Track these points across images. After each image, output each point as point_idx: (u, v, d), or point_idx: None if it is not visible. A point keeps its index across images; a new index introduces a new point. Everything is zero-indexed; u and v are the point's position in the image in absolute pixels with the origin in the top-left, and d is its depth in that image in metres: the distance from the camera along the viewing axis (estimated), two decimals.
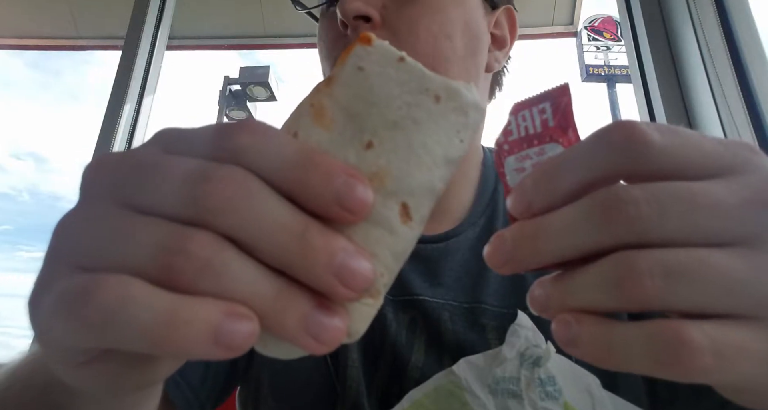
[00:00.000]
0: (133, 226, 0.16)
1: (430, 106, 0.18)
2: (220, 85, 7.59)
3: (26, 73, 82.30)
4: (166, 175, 0.16)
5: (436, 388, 0.37)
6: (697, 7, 1.05)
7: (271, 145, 0.16)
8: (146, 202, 0.16)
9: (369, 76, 0.18)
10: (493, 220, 0.48)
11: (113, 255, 0.16)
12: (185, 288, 0.15)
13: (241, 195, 0.15)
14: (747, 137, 0.92)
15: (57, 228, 0.17)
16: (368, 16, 0.41)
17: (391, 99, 0.18)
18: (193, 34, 2.07)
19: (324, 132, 0.18)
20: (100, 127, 1.26)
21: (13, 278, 51.06)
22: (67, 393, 0.24)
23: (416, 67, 0.19)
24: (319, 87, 0.19)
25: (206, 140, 0.17)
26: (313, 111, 0.18)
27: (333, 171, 0.16)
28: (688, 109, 1.08)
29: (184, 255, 0.15)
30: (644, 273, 0.15)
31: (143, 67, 1.35)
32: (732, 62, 0.97)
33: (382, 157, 0.18)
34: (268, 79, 7.33)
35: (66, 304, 0.15)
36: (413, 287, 0.45)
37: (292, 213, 0.16)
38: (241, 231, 0.15)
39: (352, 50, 0.19)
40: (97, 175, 0.17)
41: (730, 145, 0.18)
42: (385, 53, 0.19)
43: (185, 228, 0.15)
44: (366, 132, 0.18)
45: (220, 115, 7.35)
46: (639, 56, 1.17)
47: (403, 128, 0.18)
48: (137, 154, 0.17)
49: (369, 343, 0.43)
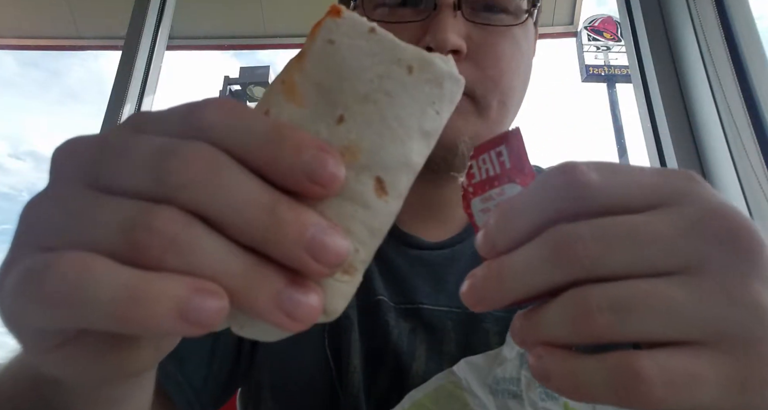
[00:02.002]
0: (98, 205, 0.15)
1: (402, 78, 0.18)
2: (220, 85, 7.60)
3: (24, 73, 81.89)
4: (133, 153, 0.16)
5: (437, 389, 0.37)
6: (697, 7, 1.05)
7: (239, 121, 0.16)
8: (113, 181, 0.16)
9: (339, 48, 0.18)
10: None
11: (77, 234, 0.15)
12: (152, 265, 0.14)
13: (208, 170, 0.15)
14: (747, 137, 0.92)
15: (23, 211, 0.17)
16: (460, 50, 0.40)
17: (363, 71, 0.18)
18: (193, 34, 2.08)
19: (296, 108, 0.17)
20: (101, 127, 1.26)
21: None
22: (53, 386, 0.23)
23: (387, 37, 0.18)
24: (291, 63, 0.18)
25: (175, 119, 0.17)
26: (285, 87, 0.18)
27: (302, 144, 0.16)
28: (688, 109, 1.08)
29: (149, 232, 0.14)
30: (593, 309, 0.16)
31: (143, 67, 1.35)
32: (732, 62, 0.97)
33: (353, 131, 0.17)
34: (268, 79, 7.34)
35: (26, 283, 0.15)
36: (416, 295, 0.45)
37: (261, 188, 0.15)
38: (208, 208, 0.15)
39: (323, 23, 0.18)
40: (65, 157, 0.17)
41: (669, 176, 0.19)
42: (355, 25, 0.18)
43: (151, 205, 0.15)
44: (338, 106, 0.17)
45: None
46: (639, 56, 1.17)
47: (375, 101, 0.17)
48: (107, 135, 0.17)
49: (370, 349, 0.43)
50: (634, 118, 1.25)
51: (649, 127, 1.13)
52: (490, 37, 0.42)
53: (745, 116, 0.93)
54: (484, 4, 0.42)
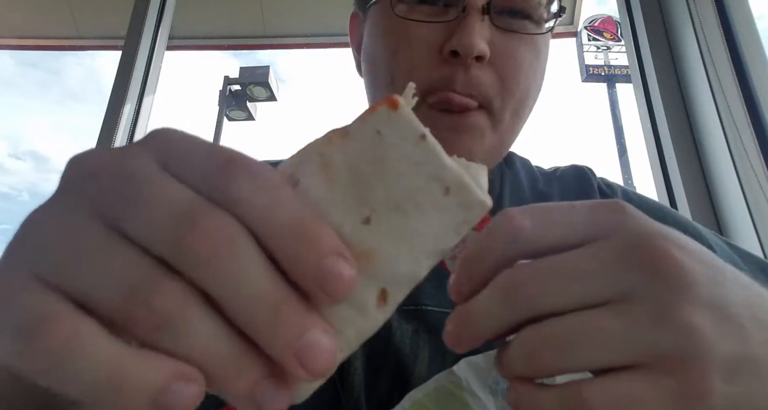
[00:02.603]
0: (106, 253, 0.15)
1: (437, 197, 0.18)
2: (220, 85, 7.59)
3: (24, 73, 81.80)
4: (155, 202, 0.15)
5: (437, 388, 0.37)
6: (697, 7, 1.05)
7: (268, 200, 0.16)
8: (128, 225, 0.15)
9: (386, 145, 0.18)
10: None
11: (77, 280, 0.15)
12: (140, 338, 0.15)
13: (224, 252, 0.15)
14: (747, 137, 0.92)
15: (26, 224, 0.16)
16: (484, 56, 0.39)
17: (401, 177, 0.18)
18: (193, 34, 2.08)
19: (326, 188, 0.17)
20: (100, 127, 1.26)
21: None
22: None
23: (435, 149, 0.18)
24: (333, 137, 0.18)
25: (204, 169, 0.16)
26: (321, 161, 0.18)
27: (324, 251, 0.16)
28: (688, 109, 1.08)
29: (146, 309, 0.14)
30: (539, 347, 0.18)
31: (143, 67, 1.35)
32: (732, 62, 0.97)
33: (375, 237, 0.17)
34: (268, 79, 7.34)
35: (13, 338, 0.14)
36: (419, 296, 0.45)
37: (270, 283, 0.15)
38: (215, 290, 0.15)
39: (377, 110, 0.18)
40: (83, 176, 0.16)
41: (598, 210, 0.20)
42: (408, 125, 0.18)
43: (157, 272, 0.15)
44: (367, 205, 0.17)
45: (221, 115, 7.35)
46: (639, 56, 1.17)
47: (405, 211, 0.17)
48: (128, 163, 0.16)
49: (373, 351, 0.43)
50: (634, 118, 1.25)
51: (649, 127, 1.13)
52: (513, 43, 0.41)
53: (745, 116, 0.93)
54: (510, 9, 0.41)
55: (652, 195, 1.10)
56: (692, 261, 0.19)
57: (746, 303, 0.19)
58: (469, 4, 0.39)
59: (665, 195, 1.07)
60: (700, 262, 0.19)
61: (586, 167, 0.53)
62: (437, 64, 0.40)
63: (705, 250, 0.20)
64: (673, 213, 0.50)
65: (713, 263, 0.20)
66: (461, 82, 0.40)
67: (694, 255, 0.19)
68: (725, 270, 0.20)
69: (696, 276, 0.18)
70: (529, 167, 0.54)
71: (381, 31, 0.44)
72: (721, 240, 0.47)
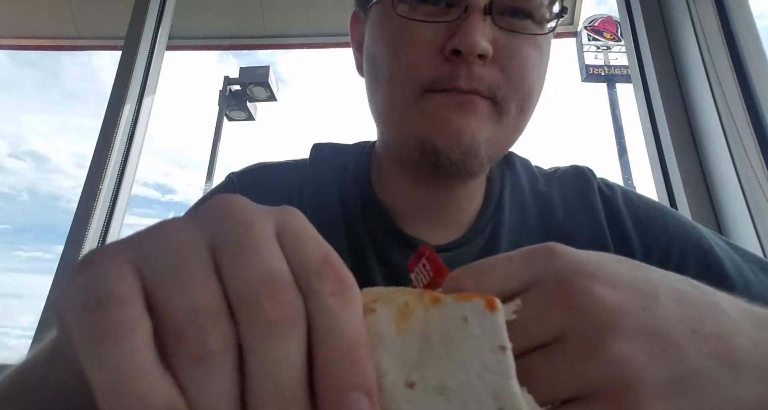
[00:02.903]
0: (199, 275, 0.16)
1: (487, 407, 0.17)
2: (220, 85, 7.60)
3: (24, 73, 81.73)
4: (256, 258, 0.16)
5: None
6: (697, 7, 1.05)
7: (340, 309, 0.17)
8: (225, 262, 0.17)
9: (467, 333, 0.18)
10: (498, 227, 0.48)
11: (165, 283, 0.16)
12: (173, 363, 0.15)
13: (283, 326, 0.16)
14: (747, 137, 0.92)
15: (159, 224, 0.18)
16: (487, 55, 0.40)
17: (465, 372, 0.17)
18: (193, 34, 2.08)
19: (393, 331, 0.18)
20: (100, 127, 1.26)
21: (11, 278, 51.12)
22: None
23: (509, 365, 0.17)
24: (425, 295, 0.18)
25: (305, 255, 0.17)
26: (403, 309, 0.18)
27: (360, 381, 0.16)
28: (688, 109, 1.08)
29: (200, 334, 0.15)
30: None
31: (143, 67, 1.35)
32: (732, 62, 0.97)
33: (408, 404, 0.17)
34: (268, 80, 7.34)
35: (82, 303, 0.15)
36: None
37: (296, 375, 0.16)
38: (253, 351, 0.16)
39: (474, 301, 0.18)
40: (218, 210, 0.18)
41: (530, 257, 0.21)
42: (495, 329, 0.18)
43: (224, 313, 0.16)
44: (419, 370, 0.17)
45: (221, 115, 7.35)
46: (639, 56, 1.17)
47: (449, 401, 0.17)
48: (255, 218, 0.18)
49: None
50: (634, 118, 1.25)
51: (649, 127, 1.13)
52: (516, 42, 0.41)
53: (745, 116, 0.93)
54: (512, 9, 0.41)
55: (652, 195, 1.10)
56: (615, 293, 0.20)
57: (686, 318, 0.20)
58: (471, 3, 0.39)
59: (665, 195, 1.07)
60: (627, 291, 0.20)
61: (586, 168, 0.53)
62: (439, 63, 0.40)
63: (639, 275, 0.21)
64: (673, 213, 0.50)
65: (644, 288, 0.21)
66: (465, 78, 0.39)
67: (621, 286, 0.20)
68: (658, 293, 0.21)
69: (620, 307, 0.19)
70: (529, 168, 0.54)
71: (382, 31, 0.44)
72: (722, 240, 0.48)
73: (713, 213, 0.99)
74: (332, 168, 0.52)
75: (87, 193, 1.18)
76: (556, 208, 0.49)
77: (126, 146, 1.27)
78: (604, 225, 0.47)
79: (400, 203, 0.49)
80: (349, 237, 0.47)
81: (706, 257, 0.45)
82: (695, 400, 0.19)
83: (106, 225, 1.18)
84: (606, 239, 0.46)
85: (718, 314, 0.21)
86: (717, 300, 0.22)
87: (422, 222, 0.48)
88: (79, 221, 1.15)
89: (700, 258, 0.45)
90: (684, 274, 0.23)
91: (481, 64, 0.40)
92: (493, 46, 0.40)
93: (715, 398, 0.20)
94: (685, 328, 0.20)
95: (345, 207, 0.49)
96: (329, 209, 0.49)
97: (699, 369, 0.19)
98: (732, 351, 0.20)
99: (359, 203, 0.49)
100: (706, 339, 0.20)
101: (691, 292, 0.22)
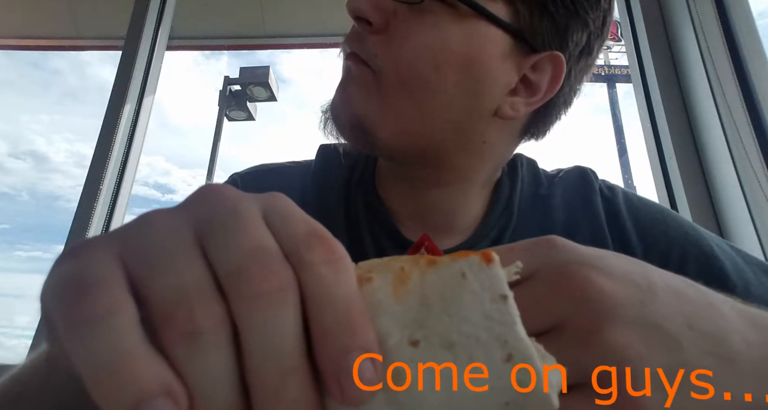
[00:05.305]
0: (184, 256, 0.16)
1: (495, 361, 0.17)
2: (220, 85, 7.59)
3: (24, 73, 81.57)
4: (244, 234, 0.16)
5: None
6: (697, 7, 1.05)
7: (333, 277, 0.16)
8: (211, 242, 0.16)
9: (465, 289, 0.17)
10: (503, 231, 0.48)
11: (149, 265, 0.16)
12: (164, 342, 0.15)
13: (274, 298, 0.15)
14: (747, 137, 0.92)
15: (144, 215, 0.18)
16: (368, 20, 0.40)
17: (467, 324, 0.17)
18: (193, 34, 2.07)
19: (392, 296, 0.18)
20: (100, 127, 1.26)
21: (11, 278, 51.04)
22: None
23: (511, 312, 0.17)
24: (420, 260, 0.18)
25: (292, 231, 0.17)
26: (399, 274, 0.18)
27: (359, 344, 0.16)
28: (688, 109, 1.08)
29: (188, 314, 0.15)
30: None
31: (143, 67, 1.35)
32: (732, 62, 0.97)
33: (415, 361, 0.17)
34: (268, 80, 7.34)
35: (66, 289, 0.15)
36: None
37: (294, 345, 0.15)
38: (247, 326, 0.15)
39: (470, 257, 0.18)
40: (201, 198, 0.18)
41: (532, 248, 0.22)
42: (494, 280, 0.18)
43: (212, 291, 0.15)
44: (422, 329, 0.17)
45: (221, 115, 7.35)
46: (639, 56, 1.17)
47: (455, 356, 0.17)
48: (240, 204, 0.17)
49: None
50: (634, 118, 1.25)
51: (649, 127, 1.13)
52: (411, 17, 0.40)
53: (745, 116, 0.93)
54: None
55: (652, 195, 1.10)
56: (615, 284, 0.20)
57: (684, 315, 0.20)
58: None
59: (665, 195, 1.07)
60: (625, 284, 0.20)
61: (588, 169, 0.53)
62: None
63: (637, 270, 0.21)
64: (673, 215, 0.50)
65: (642, 283, 0.21)
66: (349, 41, 0.43)
67: (620, 278, 0.20)
68: (656, 288, 0.21)
69: (618, 297, 0.20)
70: (534, 170, 0.54)
71: None
72: (723, 242, 0.48)
73: (713, 214, 0.99)
74: (338, 169, 0.52)
75: (87, 193, 1.18)
76: (557, 210, 0.49)
77: (126, 146, 1.27)
78: (604, 226, 0.47)
79: (400, 207, 0.49)
80: (351, 241, 0.47)
81: (706, 259, 0.45)
82: (686, 395, 0.19)
83: (106, 225, 1.18)
84: (606, 240, 0.46)
85: (714, 313, 0.21)
86: (713, 299, 0.22)
87: (423, 229, 0.48)
88: (79, 221, 1.15)
89: (701, 260, 0.45)
90: (684, 275, 0.23)
91: (371, 31, 0.41)
92: (390, 20, 0.41)
93: (703, 397, 0.20)
94: (682, 323, 0.20)
95: (348, 209, 0.49)
96: (332, 211, 0.49)
97: (694, 364, 0.19)
98: (727, 349, 0.20)
99: (363, 206, 0.49)
100: (702, 336, 0.20)
101: (687, 290, 0.22)
